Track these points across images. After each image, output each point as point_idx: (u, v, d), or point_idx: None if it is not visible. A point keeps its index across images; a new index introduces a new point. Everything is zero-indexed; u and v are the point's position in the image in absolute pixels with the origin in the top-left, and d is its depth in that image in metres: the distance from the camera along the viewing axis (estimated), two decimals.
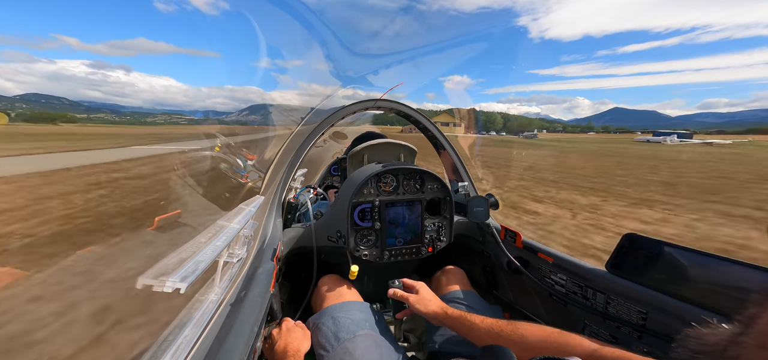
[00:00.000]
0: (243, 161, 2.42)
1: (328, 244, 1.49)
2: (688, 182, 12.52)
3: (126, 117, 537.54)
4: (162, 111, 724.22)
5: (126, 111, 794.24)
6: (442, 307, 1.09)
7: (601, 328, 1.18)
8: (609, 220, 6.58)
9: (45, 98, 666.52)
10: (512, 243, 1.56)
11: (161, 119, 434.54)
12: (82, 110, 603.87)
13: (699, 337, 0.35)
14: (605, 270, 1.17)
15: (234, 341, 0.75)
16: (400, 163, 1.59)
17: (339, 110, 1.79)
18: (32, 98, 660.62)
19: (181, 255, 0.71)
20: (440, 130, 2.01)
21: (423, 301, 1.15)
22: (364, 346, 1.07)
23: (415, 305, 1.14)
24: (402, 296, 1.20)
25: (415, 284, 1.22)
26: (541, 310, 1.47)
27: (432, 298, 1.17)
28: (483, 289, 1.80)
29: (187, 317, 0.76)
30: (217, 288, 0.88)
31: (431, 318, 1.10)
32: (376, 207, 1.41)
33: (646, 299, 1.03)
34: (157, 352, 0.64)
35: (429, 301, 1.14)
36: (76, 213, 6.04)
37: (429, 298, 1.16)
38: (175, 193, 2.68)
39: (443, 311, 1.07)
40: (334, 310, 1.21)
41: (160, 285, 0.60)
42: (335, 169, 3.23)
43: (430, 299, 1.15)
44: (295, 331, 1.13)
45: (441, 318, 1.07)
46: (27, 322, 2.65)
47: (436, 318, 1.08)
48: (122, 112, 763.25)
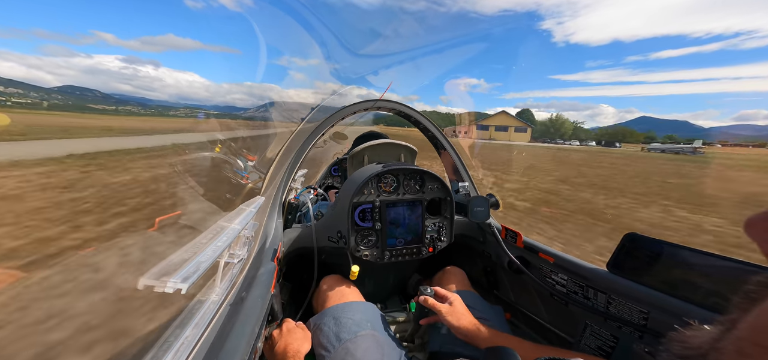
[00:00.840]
0: (243, 161, 2.42)
1: (329, 245, 1.48)
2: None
3: (151, 110, 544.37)
4: (184, 105, 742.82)
5: (152, 104, 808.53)
6: (475, 325, 1.06)
7: (603, 328, 1.18)
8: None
9: (79, 90, 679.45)
10: (513, 243, 1.56)
11: (183, 113, 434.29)
12: (112, 103, 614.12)
13: (683, 340, 0.34)
14: (606, 270, 1.17)
15: (235, 342, 0.75)
16: (400, 164, 1.59)
17: (339, 110, 1.79)
18: (68, 90, 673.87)
19: (182, 255, 0.71)
20: (441, 130, 2.00)
21: (455, 313, 1.11)
22: (365, 347, 1.07)
23: (447, 317, 1.10)
24: (433, 305, 1.16)
25: (449, 295, 1.18)
26: (542, 310, 1.47)
27: (464, 312, 1.13)
28: (484, 289, 1.80)
29: (188, 318, 0.76)
30: (218, 288, 0.88)
31: (462, 333, 1.06)
32: (376, 207, 1.41)
33: (647, 299, 1.03)
34: (158, 352, 0.64)
35: (462, 316, 1.10)
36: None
37: (462, 312, 1.12)
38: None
39: (476, 328, 1.04)
40: (335, 311, 1.20)
41: (161, 285, 0.60)
42: (336, 170, 3.23)
43: (464, 314, 1.11)
44: (296, 331, 1.13)
45: (473, 335, 1.03)
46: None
47: (467, 335, 1.05)
48: (148, 105, 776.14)
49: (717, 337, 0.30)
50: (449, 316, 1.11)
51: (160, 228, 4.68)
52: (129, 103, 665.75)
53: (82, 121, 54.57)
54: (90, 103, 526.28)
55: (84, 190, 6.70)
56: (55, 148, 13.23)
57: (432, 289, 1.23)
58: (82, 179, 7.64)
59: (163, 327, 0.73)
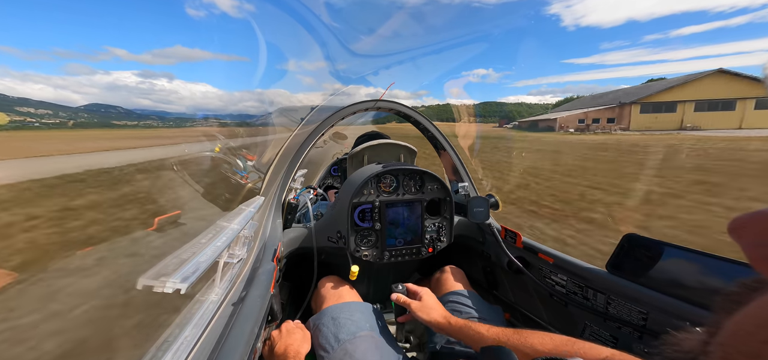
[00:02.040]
0: (243, 162, 2.42)
1: (329, 245, 1.49)
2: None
3: (170, 122, 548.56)
4: (202, 116, 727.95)
5: (171, 117, 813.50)
6: (445, 316, 1.08)
7: (602, 328, 1.18)
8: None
9: (104, 108, 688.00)
10: (512, 243, 1.56)
11: (200, 123, 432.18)
12: (135, 118, 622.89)
13: (675, 343, 0.33)
14: (605, 270, 1.17)
15: (234, 342, 0.75)
16: (400, 164, 1.59)
17: (339, 111, 1.79)
18: (93, 108, 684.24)
19: (181, 256, 0.71)
20: (440, 130, 2.00)
21: (425, 308, 1.13)
22: (364, 348, 1.07)
23: (417, 312, 1.12)
24: (405, 302, 1.18)
25: (419, 290, 1.20)
26: (542, 310, 1.47)
27: (435, 305, 1.15)
28: (483, 290, 1.80)
29: (188, 318, 0.76)
30: (217, 289, 0.88)
31: (433, 327, 1.08)
32: (376, 207, 1.41)
33: (646, 299, 1.03)
34: (158, 352, 0.64)
35: (431, 309, 1.12)
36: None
37: (432, 305, 1.14)
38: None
39: (446, 320, 1.06)
40: (334, 311, 1.20)
41: (160, 286, 0.60)
42: (335, 170, 3.23)
43: (433, 307, 1.13)
44: (296, 332, 1.12)
45: (444, 327, 1.05)
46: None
47: (438, 327, 1.07)
48: (167, 118, 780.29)
49: (706, 341, 0.29)
50: (419, 311, 1.12)
51: (159, 227, 4.68)
52: (149, 117, 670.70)
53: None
54: (114, 120, 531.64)
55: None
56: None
57: (404, 286, 1.25)
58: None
59: (163, 327, 0.74)
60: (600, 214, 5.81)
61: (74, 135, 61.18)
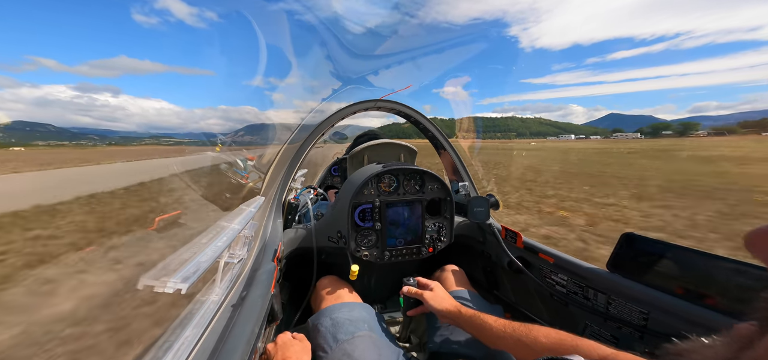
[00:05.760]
0: (243, 161, 2.42)
1: (329, 245, 1.48)
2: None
3: (113, 142, 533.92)
4: (151, 135, 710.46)
5: (115, 136, 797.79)
6: (456, 306, 1.10)
7: (603, 328, 1.18)
8: None
9: (29, 126, 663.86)
10: (513, 243, 1.56)
11: (147, 142, 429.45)
12: (68, 137, 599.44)
13: (690, 353, 0.32)
14: (606, 270, 1.17)
15: (235, 341, 0.75)
16: (400, 164, 1.59)
17: (338, 111, 1.79)
18: (17, 126, 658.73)
19: (182, 256, 0.71)
20: (440, 130, 2.00)
21: (437, 298, 1.16)
22: (362, 347, 1.06)
23: (430, 302, 1.15)
24: (416, 293, 1.21)
25: (429, 282, 1.24)
26: (542, 310, 1.47)
27: (446, 296, 1.18)
28: (483, 290, 1.80)
29: (189, 318, 0.76)
30: (218, 289, 0.88)
31: (444, 316, 1.11)
32: (376, 207, 1.41)
33: (647, 299, 1.03)
34: (158, 352, 0.64)
35: (443, 299, 1.15)
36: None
37: (443, 296, 1.17)
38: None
39: (457, 310, 1.08)
40: (332, 311, 1.20)
41: (161, 286, 0.60)
42: (336, 170, 3.23)
43: (445, 297, 1.17)
44: (293, 344, 1.06)
45: (454, 316, 1.07)
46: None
47: (449, 316, 1.09)
48: (109, 137, 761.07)
49: (734, 354, 0.28)
50: (432, 300, 1.15)
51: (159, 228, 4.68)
52: (86, 136, 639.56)
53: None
54: (37, 140, 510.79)
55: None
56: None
57: (415, 279, 1.27)
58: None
59: (164, 327, 0.74)
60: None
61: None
